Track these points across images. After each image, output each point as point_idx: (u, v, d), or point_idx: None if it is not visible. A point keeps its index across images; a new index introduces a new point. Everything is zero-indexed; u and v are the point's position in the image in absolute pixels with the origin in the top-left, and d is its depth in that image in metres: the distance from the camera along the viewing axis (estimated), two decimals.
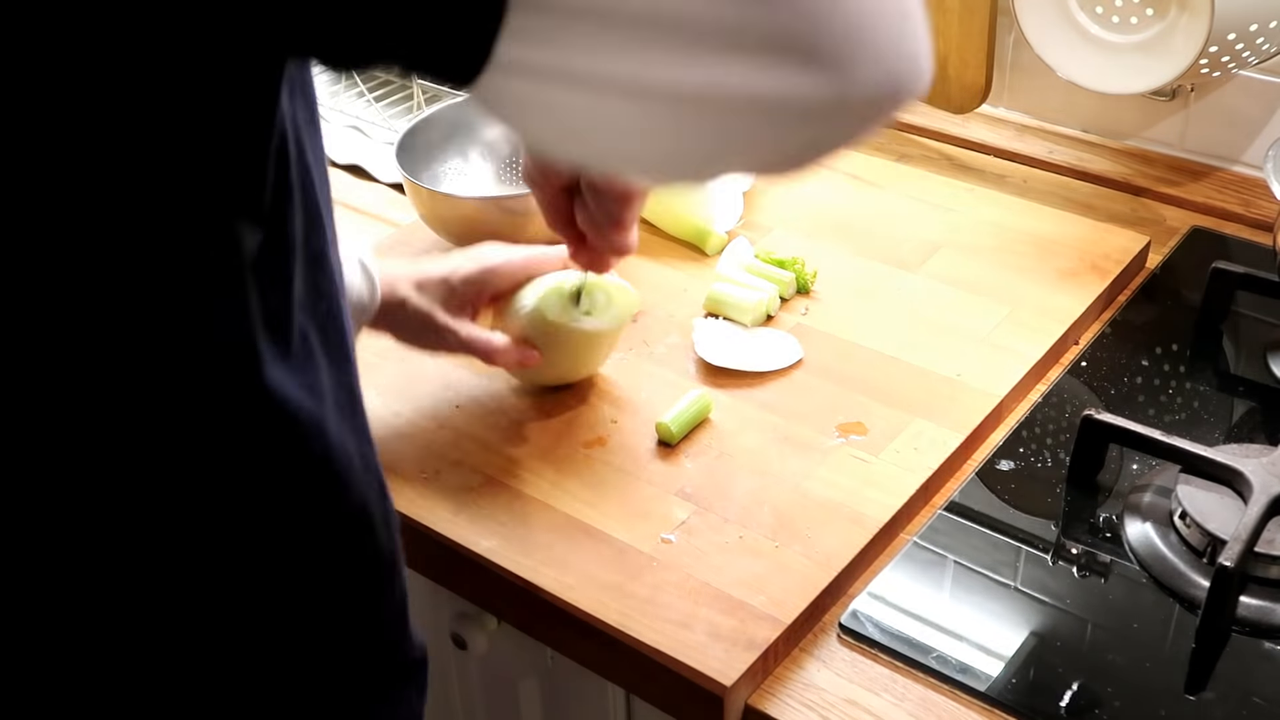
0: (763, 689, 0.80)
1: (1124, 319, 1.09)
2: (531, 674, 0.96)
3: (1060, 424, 0.98)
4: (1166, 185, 1.24)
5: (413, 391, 1.00)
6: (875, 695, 0.79)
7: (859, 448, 0.94)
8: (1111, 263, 1.13)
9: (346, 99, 1.43)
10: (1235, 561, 0.79)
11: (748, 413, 0.97)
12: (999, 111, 1.34)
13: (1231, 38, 1.05)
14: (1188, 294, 1.11)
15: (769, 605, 0.82)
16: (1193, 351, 1.07)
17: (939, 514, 0.91)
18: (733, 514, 0.89)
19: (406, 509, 0.89)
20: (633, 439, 0.95)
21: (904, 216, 1.20)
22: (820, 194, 1.24)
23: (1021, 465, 0.95)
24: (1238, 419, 1.00)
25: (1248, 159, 1.22)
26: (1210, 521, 0.85)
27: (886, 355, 1.02)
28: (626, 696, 0.90)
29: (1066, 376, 1.03)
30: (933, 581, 0.86)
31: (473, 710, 1.04)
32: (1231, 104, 1.21)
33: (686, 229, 1.17)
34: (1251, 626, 0.82)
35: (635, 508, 0.89)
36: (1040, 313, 1.07)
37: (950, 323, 1.06)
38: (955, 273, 1.12)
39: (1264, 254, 1.10)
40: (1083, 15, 1.15)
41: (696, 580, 0.84)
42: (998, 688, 0.78)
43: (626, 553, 0.86)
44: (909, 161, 1.29)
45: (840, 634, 0.83)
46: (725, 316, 1.06)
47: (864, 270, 1.13)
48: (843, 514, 0.88)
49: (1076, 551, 0.88)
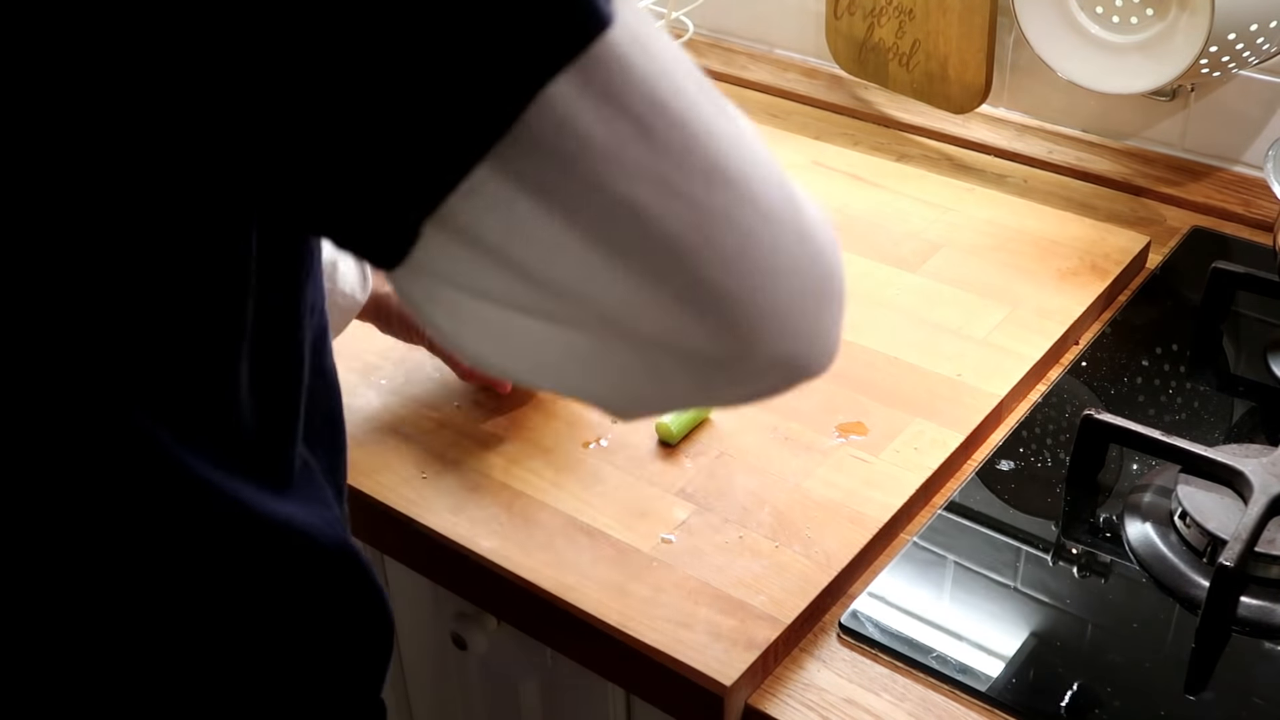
0: (763, 689, 0.80)
1: (1124, 319, 1.09)
2: (531, 674, 0.96)
3: (1060, 424, 0.98)
4: (1166, 185, 1.24)
5: (413, 391, 1.00)
6: (875, 695, 0.79)
7: (859, 448, 0.94)
8: (1111, 263, 1.13)
9: None
10: (1235, 561, 0.79)
11: (748, 413, 0.97)
12: (999, 111, 1.34)
13: (1231, 38, 1.05)
14: (1188, 294, 1.11)
15: (769, 605, 0.82)
16: (1193, 351, 1.07)
17: (939, 514, 0.91)
18: (733, 514, 0.89)
19: (407, 509, 0.89)
20: (633, 439, 0.95)
21: (904, 216, 1.20)
22: (820, 194, 1.23)
23: (1021, 465, 0.95)
24: (1238, 419, 1.00)
25: (1248, 159, 1.22)
26: (1210, 521, 0.85)
27: (886, 355, 1.02)
28: (626, 696, 0.90)
29: (1066, 376, 1.03)
30: (933, 581, 0.86)
31: (473, 710, 1.04)
32: (1231, 104, 1.21)
33: None
34: (1251, 626, 0.82)
35: (635, 508, 0.89)
36: (1040, 313, 1.07)
37: (950, 323, 1.06)
38: (955, 273, 1.12)
39: (1264, 254, 1.10)
40: (1083, 15, 1.15)
41: (696, 580, 0.84)
42: (998, 688, 0.78)
43: (626, 553, 0.86)
44: (909, 161, 1.29)
45: (840, 634, 0.83)
46: None
47: (864, 270, 1.13)
48: (843, 514, 0.88)
49: (1076, 551, 0.88)
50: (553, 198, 0.43)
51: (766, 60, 1.47)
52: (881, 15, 1.30)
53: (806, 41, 1.44)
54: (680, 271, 0.45)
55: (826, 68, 1.42)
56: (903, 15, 1.28)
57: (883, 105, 1.37)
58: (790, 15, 1.44)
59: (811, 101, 1.41)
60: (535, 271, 0.45)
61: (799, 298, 0.49)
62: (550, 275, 0.45)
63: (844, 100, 1.40)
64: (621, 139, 0.44)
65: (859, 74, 1.36)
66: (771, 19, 1.46)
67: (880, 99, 1.38)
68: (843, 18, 1.34)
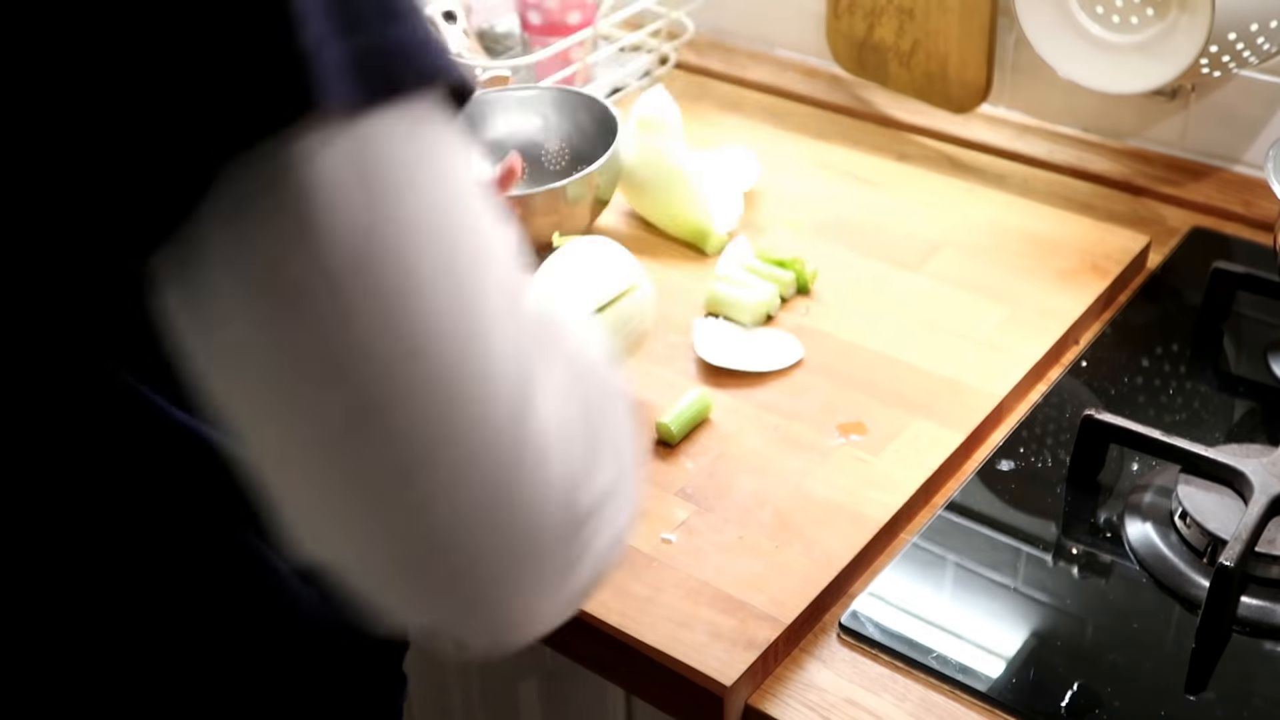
0: (763, 689, 0.80)
1: (1124, 319, 1.09)
2: (531, 674, 0.96)
3: (1060, 424, 0.98)
4: (1167, 185, 1.24)
5: None
6: (875, 695, 0.79)
7: (859, 448, 0.94)
8: (1112, 263, 1.13)
9: None
10: (1235, 561, 0.79)
11: (748, 413, 0.97)
12: (999, 111, 1.34)
13: (1231, 38, 1.05)
14: (1188, 294, 1.11)
15: (769, 605, 0.82)
16: (1193, 351, 1.07)
17: (939, 514, 0.91)
18: (733, 514, 0.89)
19: None
20: None
21: (904, 216, 1.20)
22: (820, 194, 1.24)
23: (1022, 465, 0.95)
24: (1238, 419, 1.00)
25: (1248, 159, 1.22)
26: (1210, 521, 0.85)
27: (886, 355, 1.02)
28: (626, 696, 0.90)
29: (1067, 376, 1.03)
30: (933, 581, 0.86)
31: (472, 710, 1.04)
32: (1231, 104, 1.21)
33: (686, 229, 1.17)
34: (1251, 626, 0.82)
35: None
36: (1040, 313, 1.07)
37: (950, 323, 1.06)
38: (955, 273, 1.12)
39: (1264, 254, 1.10)
40: (1083, 15, 1.15)
41: (696, 580, 0.84)
42: (998, 688, 0.78)
43: (626, 553, 0.86)
44: (909, 161, 1.29)
45: (840, 634, 0.83)
46: (725, 316, 1.06)
47: (864, 270, 1.13)
48: (843, 514, 0.88)
49: (1077, 551, 0.88)
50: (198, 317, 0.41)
51: (766, 60, 1.47)
52: (881, 15, 1.30)
53: (806, 41, 1.44)
54: (333, 474, 0.42)
55: (826, 68, 1.42)
56: (903, 15, 1.28)
57: (883, 105, 1.37)
58: (790, 15, 1.44)
59: (811, 101, 1.41)
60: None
61: (468, 560, 0.42)
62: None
63: (844, 100, 1.40)
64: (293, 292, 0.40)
65: (859, 74, 1.36)
66: (771, 19, 1.46)
67: (880, 99, 1.38)
68: (843, 17, 1.34)
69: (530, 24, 1.37)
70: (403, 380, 0.40)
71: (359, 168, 0.40)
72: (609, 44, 1.42)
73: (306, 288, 0.39)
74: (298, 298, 0.39)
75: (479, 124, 1.21)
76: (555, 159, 1.21)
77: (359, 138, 0.40)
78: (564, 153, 1.21)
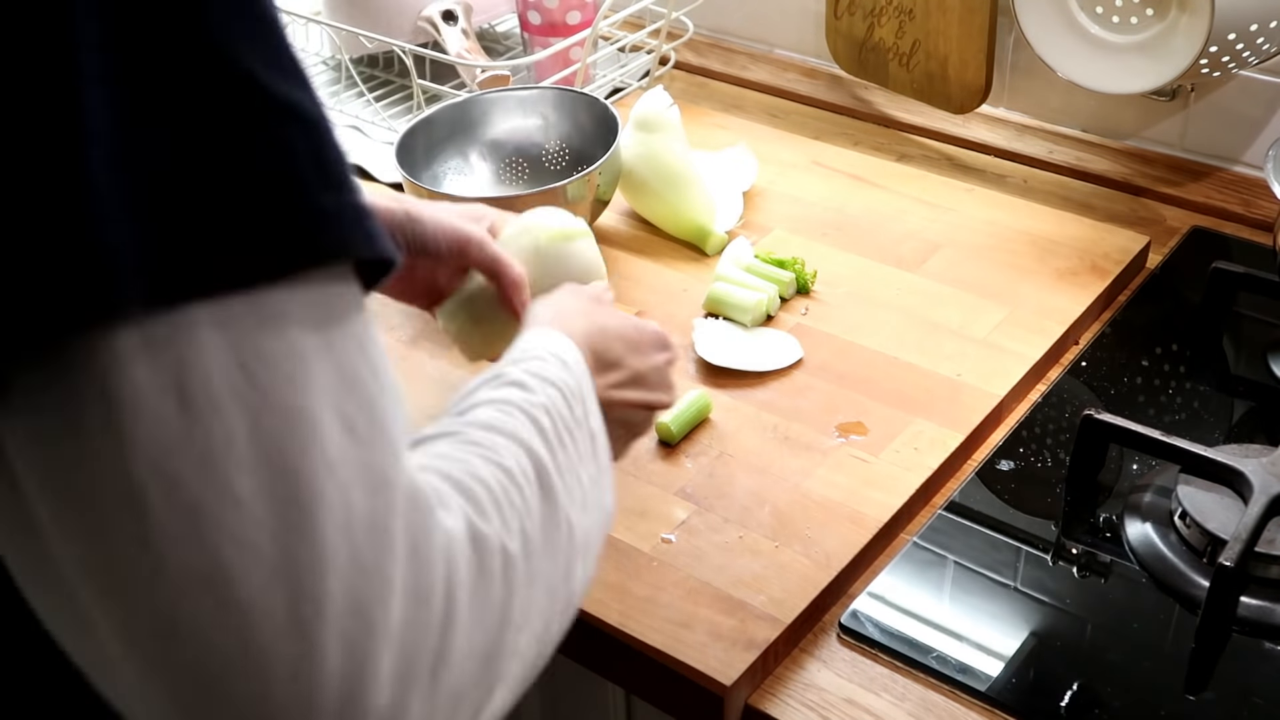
0: (763, 689, 0.80)
1: (1124, 319, 1.09)
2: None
3: (1060, 424, 0.98)
4: (1166, 185, 1.24)
5: (412, 391, 1.00)
6: (875, 695, 0.79)
7: (859, 448, 0.94)
8: (1111, 263, 1.13)
9: (346, 99, 1.43)
10: (1235, 561, 0.79)
11: (748, 413, 0.97)
12: (999, 111, 1.34)
13: (1231, 38, 1.05)
14: (1188, 294, 1.11)
15: (769, 605, 0.82)
16: (1193, 351, 1.07)
17: (939, 514, 0.91)
18: (733, 514, 0.89)
19: None
20: None
21: (904, 216, 1.20)
22: (820, 194, 1.24)
23: (1021, 465, 0.95)
24: (1238, 419, 1.00)
25: (1248, 159, 1.22)
26: (1210, 521, 0.85)
27: (886, 355, 1.02)
28: (626, 696, 0.90)
29: (1066, 376, 1.03)
30: (933, 581, 0.86)
31: None
32: (1231, 104, 1.21)
33: (686, 229, 1.17)
34: (1251, 626, 0.82)
35: (635, 508, 0.89)
36: (1040, 313, 1.07)
37: (950, 323, 1.06)
38: (955, 273, 1.12)
39: (1264, 254, 1.10)
40: (1083, 15, 1.15)
41: (696, 580, 0.84)
42: (998, 688, 0.78)
43: (626, 553, 0.86)
44: (909, 161, 1.29)
45: (840, 634, 0.83)
46: (725, 316, 1.06)
47: (864, 270, 1.13)
48: (843, 514, 0.88)
49: (1076, 551, 0.88)
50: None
51: (766, 60, 1.47)
52: (881, 15, 1.30)
53: (806, 41, 1.44)
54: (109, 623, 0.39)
55: (826, 68, 1.42)
56: (903, 15, 1.28)
57: (883, 105, 1.38)
58: (790, 15, 1.44)
59: (811, 101, 1.41)
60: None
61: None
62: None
63: (844, 100, 1.40)
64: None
65: (859, 74, 1.36)
66: (771, 19, 1.46)
67: (880, 99, 1.38)
68: (843, 18, 1.34)
69: (530, 24, 1.37)
70: (191, 617, 0.38)
71: (175, 373, 0.36)
72: (609, 44, 1.42)
73: (104, 498, 0.37)
74: (92, 509, 0.37)
75: (479, 124, 1.21)
76: (555, 159, 1.21)
77: (176, 340, 0.36)
78: (564, 153, 1.21)
